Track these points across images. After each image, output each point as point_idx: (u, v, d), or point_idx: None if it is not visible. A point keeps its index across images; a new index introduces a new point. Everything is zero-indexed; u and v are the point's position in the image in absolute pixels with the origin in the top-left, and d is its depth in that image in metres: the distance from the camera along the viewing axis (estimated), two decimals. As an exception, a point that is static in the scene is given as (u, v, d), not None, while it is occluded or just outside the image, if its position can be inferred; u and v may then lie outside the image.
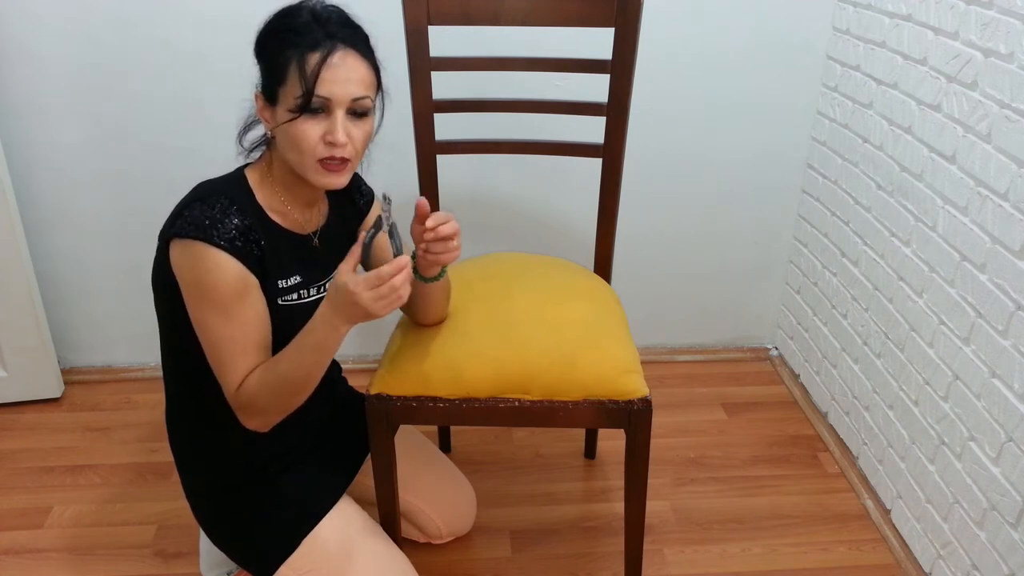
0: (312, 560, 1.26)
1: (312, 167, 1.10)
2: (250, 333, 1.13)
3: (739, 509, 1.75)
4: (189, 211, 1.09)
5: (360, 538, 1.31)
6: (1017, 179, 1.28)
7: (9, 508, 1.73)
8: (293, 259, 1.19)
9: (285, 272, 1.18)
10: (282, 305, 1.18)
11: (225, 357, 1.13)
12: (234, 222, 1.09)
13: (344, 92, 1.07)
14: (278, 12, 1.11)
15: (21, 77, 1.80)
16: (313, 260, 1.23)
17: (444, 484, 1.58)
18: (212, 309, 1.10)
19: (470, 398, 1.27)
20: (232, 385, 1.14)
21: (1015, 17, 1.27)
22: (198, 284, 1.09)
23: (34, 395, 2.04)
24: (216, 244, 1.07)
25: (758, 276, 2.20)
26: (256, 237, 1.11)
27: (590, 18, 1.38)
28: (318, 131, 1.08)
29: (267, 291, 1.15)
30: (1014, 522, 1.30)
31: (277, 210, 1.18)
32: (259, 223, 1.13)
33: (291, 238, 1.19)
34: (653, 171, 2.01)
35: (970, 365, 1.41)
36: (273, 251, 1.15)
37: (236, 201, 1.12)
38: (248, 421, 1.17)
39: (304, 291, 1.21)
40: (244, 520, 1.29)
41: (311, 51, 1.06)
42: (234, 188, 1.15)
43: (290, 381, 1.13)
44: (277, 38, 1.09)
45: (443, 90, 1.44)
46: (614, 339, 1.31)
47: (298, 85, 1.05)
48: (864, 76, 1.75)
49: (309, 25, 1.07)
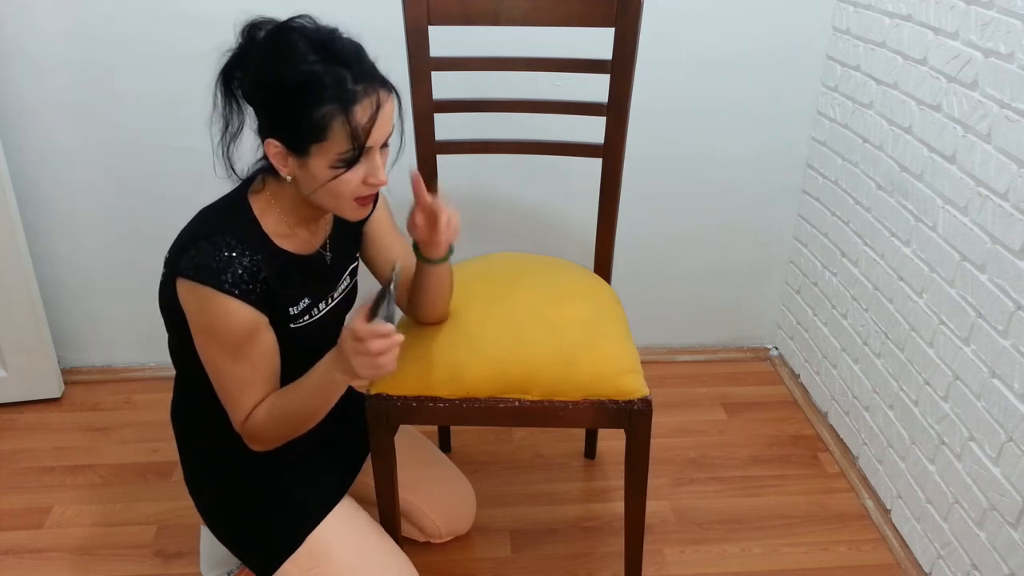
0: (314, 558, 1.26)
1: (349, 208, 1.10)
2: (258, 371, 1.13)
3: (739, 509, 1.75)
4: (196, 251, 1.07)
5: (361, 537, 1.32)
6: (1017, 179, 1.28)
7: (9, 508, 1.73)
8: (304, 282, 1.19)
9: (295, 299, 1.17)
10: (294, 329, 1.18)
11: (233, 393, 1.14)
12: (243, 264, 1.07)
13: (384, 135, 1.07)
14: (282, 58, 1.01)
15: (21, 78, 1.80)
16: (323, 274, 1.23)
17: (443, 484, 1.58)
18: (221, 350, 1.10)
19: (470, 398, 1.27)
20: (239, 417, 1.15)
21: (1015, 17, 1.28)
22: (206, 327, 1.09)
23: (34, 395, 2.04)
24: (225, 291, 1.05)
25: (758, 276, 2.20)
26: (264, 276, 1.09)
27: (590, 18, 1.38)
28: (359, 176, 1.06)
29: (278, 321, 1.15)
30: (1014, 522, 1.30)
31: (284, 235, 1.15)
32: (267, 255, 1.11)
33: (300, 261, 1.18)
34: (653, 171, 2.01)
35: (970, 365, 1.41)
36: (282, 281, 1.14)
37: (242, 238, 1.09)
38: (254, 446, 1.20)
39: (315, 309, 1.21)
40: (247, 517, 1.30)
41: (354, 105, 1.00)
42: (239, 221, 1.12)
43: (296, 417, 1.16)
44: (299, 94, 1.00)
45: (443, 90, 1.44)
46: (614, 339, 1.31)
47: (346, 142, 1.01)
48: (864, 76, 1.75)
49: (336, 74, 0.99)
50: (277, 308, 1.14)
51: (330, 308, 1.25)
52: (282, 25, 1.03)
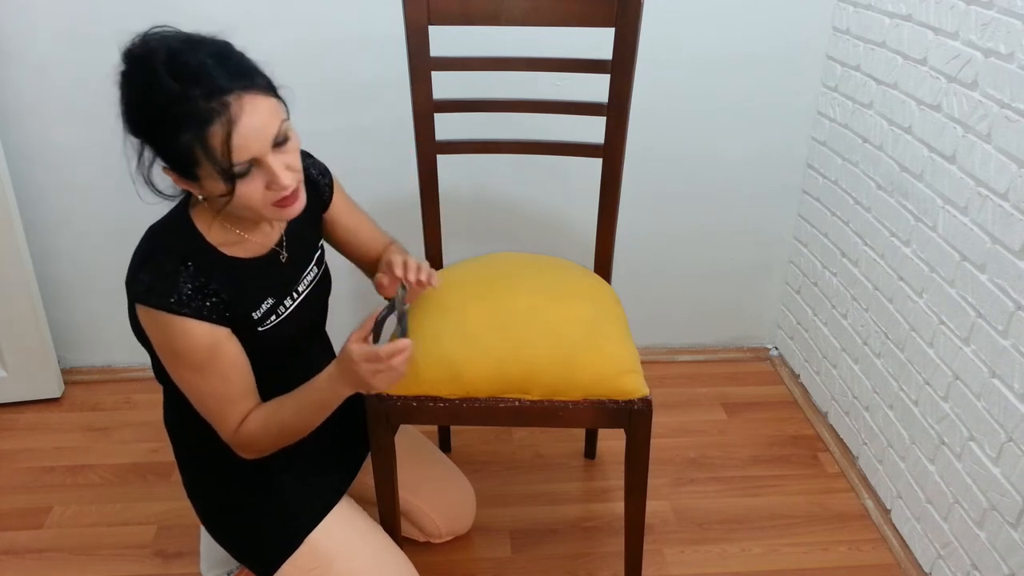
0: (314, 559, 1.26)
1: (269, 213, 1.05)
2: (231, 383, 1.12)
3: (739, 509, 1.75)
4: (144, 273, 1.06)
5: (361, 537, 1.32)
6: (1017, 179, 1.28)
7: (9, 508, 1.73)
8: (262, 285, 1.17)
9: (256, 302, 1.15)
10: (262, 332, 1.17)
11: (214, 408, 1.13)
12: (190, 283, 1.05)
13: (263, 142, 0.98)
14: (138, 88, 0.96)
15: (21, 78, 1.80)
16: (283, 273, 1.21)
17: (443, 483, 1.58)
18: (188, 370, 1.10)
19: (470, 398, 1.27)
20: (227, 431, 1.15)
21: (1015, 17, 1.28)
22: (169, 350, 1.09)
23: (34, 395, 2.04)
24: (177, 312, 1.04)
25: (758, 276, 2.20)
26: (217, 288, 1.07)
27: (590, 18, 1.38)
28: (260, 185, 1.01)
29: (244, 329, 1.13)
30: (1014, 522, 1.30)
31: (233, 243, 1.13)
32: (216, 267, 1.09)
33: (255, 265, 1.16)
34: (653, 171, 2.01)
35: (970, 365, 1.41)
36: (238, 290, 1.11)
37: (187, 254, 1.07)
38: (246, 455, 1.19)
39: (280, 307, 1.20)
40: (246, 519, 1.30)
41: (208, 127, 0.93)
42: (182, 237, 1.09)
43: (292, 429, 1.16)
44: (159, 124, 0.95)
45: (443, 90, 1.44)
46: (614, 339, 1.31)
47: (213, 167, 0.96)
48: (864, 76, 1.75)
49: (186, 96, 0.92)
50: (238, 317, 1.12)
51: (299, 302, 1.23)
52: (131, 50, 0.98)
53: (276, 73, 1.07)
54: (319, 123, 1.89)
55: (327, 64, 1.84)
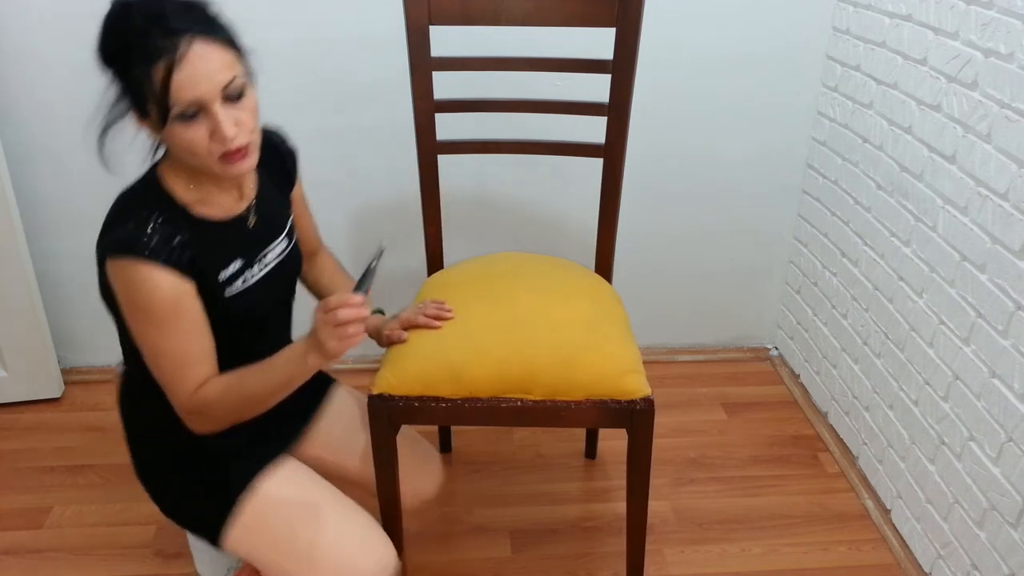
0: (263, 517, 1.22)
1: (215, 166, 1.06)
2: (191, 345, 1.11)
3: (739, 509, 1.75)
4: (113, 229, 1.07)
5: (315, 494, 1.27)
6: (1017, 179, 1.28)
7: (9, 508, 1.73)
8: (230, 246, 1.16)
9: (224, 262, 1.14)
10: (228, 297, 1.15)
11: (169, 370, 1.11)
12: (160, 232, 1.05)
13: (209, 87, 1.00)
14: (110, 22, 1.01)
15: (21, 77, 1.80)
16: (251, 238, 1.20)
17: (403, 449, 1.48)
18: (150, 326, 1.08)
19: (472, 398, 1.27)
20: (182, 395, 1.12)
21: (1015, 17, 1.28)
22: (134, 303, 1.07)
23: (34, 395, 2.04)
24: (144, 258, 1.04)
25: (758, 276, 2.20)
26: (184, 240, 1.07)
27: (591, 18, 1.38)
28: (203, 133, 1.02)
29: (210, 290, 1.12)
30: (1014, 522, 1.30)
31: (199, 201, 1.13)
32: (185, 224, 1.10)
33: (223, 227, 1.15)
34: (654, 171, 2.02)
35: (970, 365, 1.41)
36: (206, 247, 1.11)
37: (157, 208, 1.08)
38: (198, 426, 1.16)
39: (248, 272, 1.18)
40: (185, 484, 1.26)
41: (155, 63, 0.98)
42: (152, 194, 1.10)
43: (253, 400, 1.13)
44: (118, 57, 1.00)
45: (444, 90, 1.45)
46: (616, 339, 1.31)
47: (155, 104, 0.99)
48: (864, 76, 1.75)
49: (146, 32, 0.98)
50: (206, 274, 1.11)
51: (267, 272, 1.21)
52: None
53: (277, 73, 1.07)
54: (319, 123, 1.89)
55: (327, 64, 1.84)
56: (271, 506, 1.24)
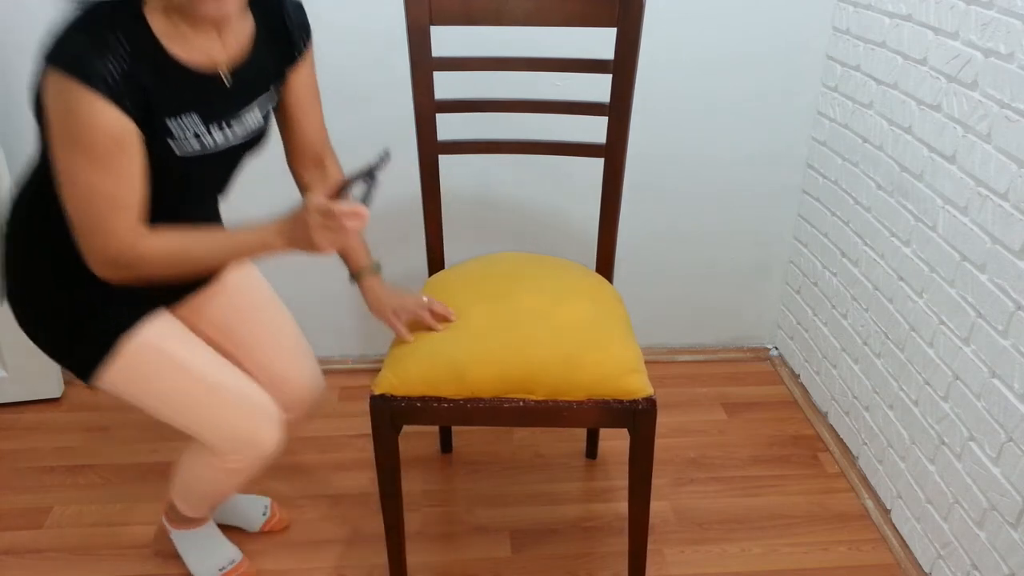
0: (137, 363, 1.20)
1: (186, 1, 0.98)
2: (128, 187, 1.02)
3: (739, 509, 1.75)
4: (72, 38, 0.97)
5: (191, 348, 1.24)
6: (1017, 179, 1.28)
7: (9, 508, 1.72)
8: (191, 97, 1.07)
9: (177, 110, 1.05)
10: (179, 156, 1.07)
11: (99, 212, 1.02)
12: (116, 65, 0.96)
13: None
14: None
15: (21, 77, 1.80)
16: (218, 98, 1.10)
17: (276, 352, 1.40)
18: (83, 159, 0.99)
19: (474, 398, 1.27)
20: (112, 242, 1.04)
21: (1015, 17, 1.28)
22: (68, 131, 0.98)
23: (34, 395, 2.03)
24: (93, 86, 0.95)
25: (758, 276, 2.21)
26: (143, 80, 0.99)
27: (592, 18, 1.38)
28: None
29: (153, 132, 1.03)
30: (1014, 522, 1.31)
31: (173, 36, 1.04)
32: (151, 56, 1.01)
33: (192, 75, 1.06)
34: (654, 171, 2.02)
35: (970, 365, 1.41)
36: (166, 89, 1.03)
37: (127, 36, 0.98)
38: (112, 275, 1.08)
39: (204, 132, 1.09)
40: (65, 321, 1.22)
41: None
42: (128, 17, 1.01)
43: (193, 261, 1.08)
44: None
45: (445, 90, 1.45)
46: (617, 339, 1.32)
47: None
48: (864, 76, 1.75)
49: None
50: (156, 119, 1.03)
51: (229, 144, 1.14)
52: None
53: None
54: (320, 123, 1.89)
55: (327, 64, 1.84)
56: (149, 356, 1.21)
